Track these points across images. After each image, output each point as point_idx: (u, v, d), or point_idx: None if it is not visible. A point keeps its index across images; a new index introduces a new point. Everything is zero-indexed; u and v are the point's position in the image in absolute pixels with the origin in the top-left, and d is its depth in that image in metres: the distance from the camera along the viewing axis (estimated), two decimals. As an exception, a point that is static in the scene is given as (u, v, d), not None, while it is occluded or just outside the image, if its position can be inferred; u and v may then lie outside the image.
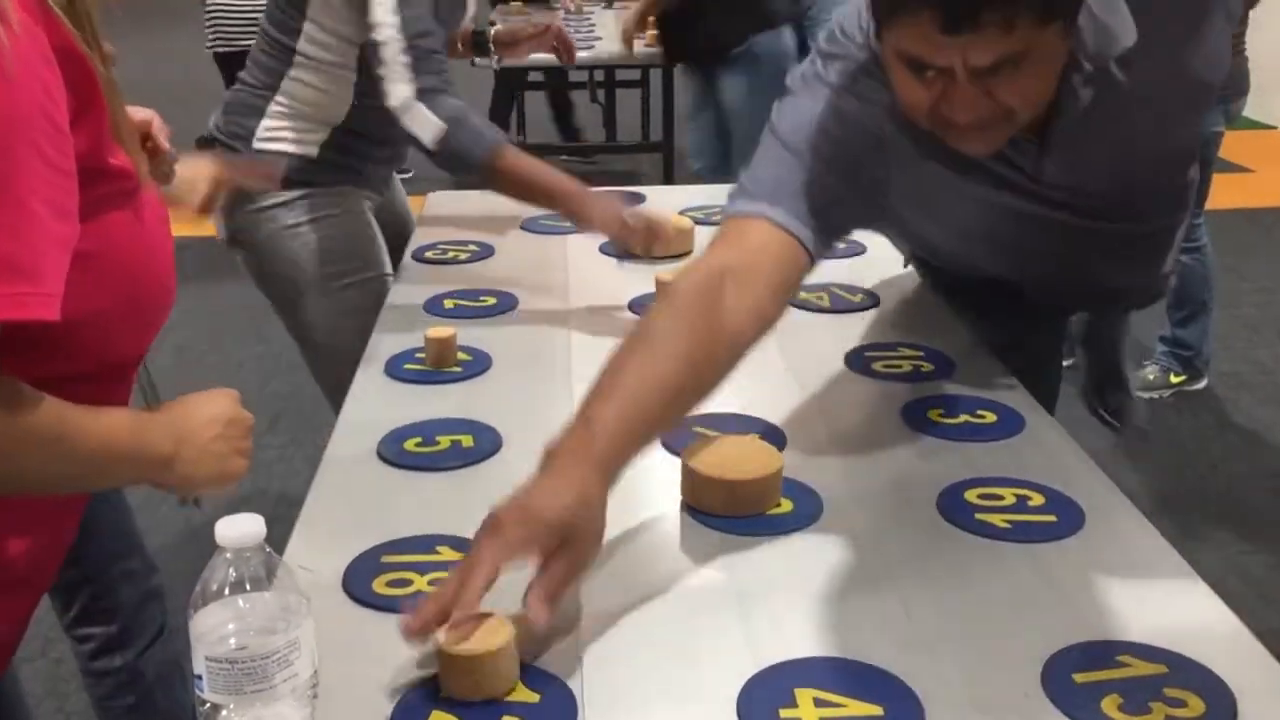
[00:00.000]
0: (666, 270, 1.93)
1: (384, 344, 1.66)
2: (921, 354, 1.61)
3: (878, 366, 1.57)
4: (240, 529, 0.83)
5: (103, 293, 0.96)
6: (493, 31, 2.33)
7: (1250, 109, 1.94)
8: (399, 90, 1.77)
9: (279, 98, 1.96)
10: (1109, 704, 0.93)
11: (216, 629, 0.83)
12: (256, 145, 1.96)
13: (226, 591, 0.83)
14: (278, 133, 1.96)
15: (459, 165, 1.84)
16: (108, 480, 1.03)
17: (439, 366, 1.58)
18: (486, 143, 1.82)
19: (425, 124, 1.77)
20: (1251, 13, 2.97)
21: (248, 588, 0.84)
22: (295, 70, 1.94)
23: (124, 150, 0.97)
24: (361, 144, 2.00)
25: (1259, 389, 3.58)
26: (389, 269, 2.08)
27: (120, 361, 1.05)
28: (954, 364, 1.58)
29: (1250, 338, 3.92)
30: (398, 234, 2.18)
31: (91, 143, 0.92)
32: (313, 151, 1.97)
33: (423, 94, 1.77)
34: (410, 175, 4.80)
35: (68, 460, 0.95)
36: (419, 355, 1.60)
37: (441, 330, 1.59)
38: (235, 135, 1.97)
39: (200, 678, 0.83)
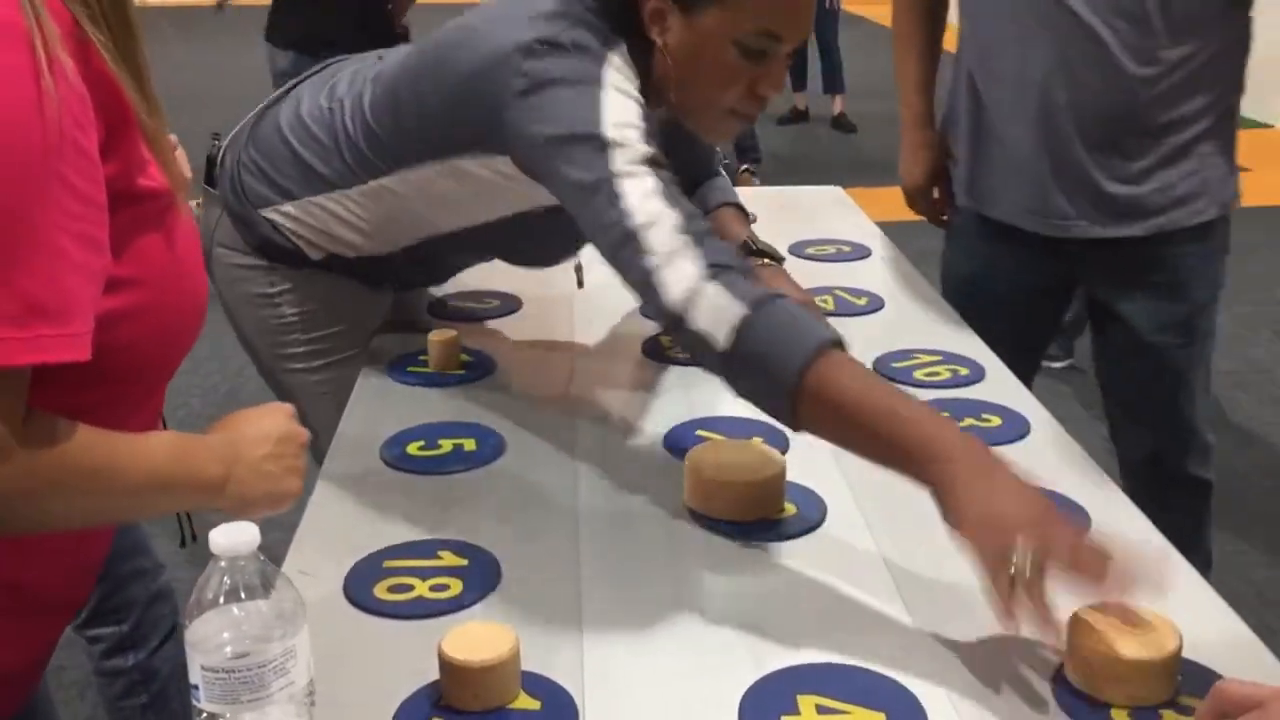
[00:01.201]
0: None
1: (387, 347, 1.66)
2: (940, 357, 1.60)
3: (920, 375, 1.55)
4: (234, 537, 0.83)
5: (137, 318, 0.93)
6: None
7: (1246, 108, 1.94)
8: (682, 272, 1.13)
9: (323, 199, 1.51)
10: (1118, 711, 0.92)
11: (212, 638, 0.82)
12: (264, 213, 1.55)
13: (222, 600, 0.83)
14: (294, 218, 1.53)
15: (758, 377, 1.12)
16: (156, 509, 0.99)
17: (442, 369, 1.57)
18: (809, 344, 1.09)
19: (718, 312, 1.11)
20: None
21: (243, 596, 0.83)
22: (364, 196, 1.48)
23: (160, 168, 0.95)
24: (382, 277, 1.63)
25: (1257, 388, 3.57)
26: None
27: (153, 381, 1.03)
28: (983, 369, 1.57)
29: (1248, 337, 3.92)
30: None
31: (122, 166, 0.90)
32: (318, 255, 1.57)
33: (716, 270, 1.13)
34: None
35: (110, 494, 0.92)
36: (422, 358, 1.59)
37: (444, 333, 1.59)
38: (245, 191, 1.56)
39: (197, 687, 0.83)
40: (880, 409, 1.05)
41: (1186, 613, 1.00)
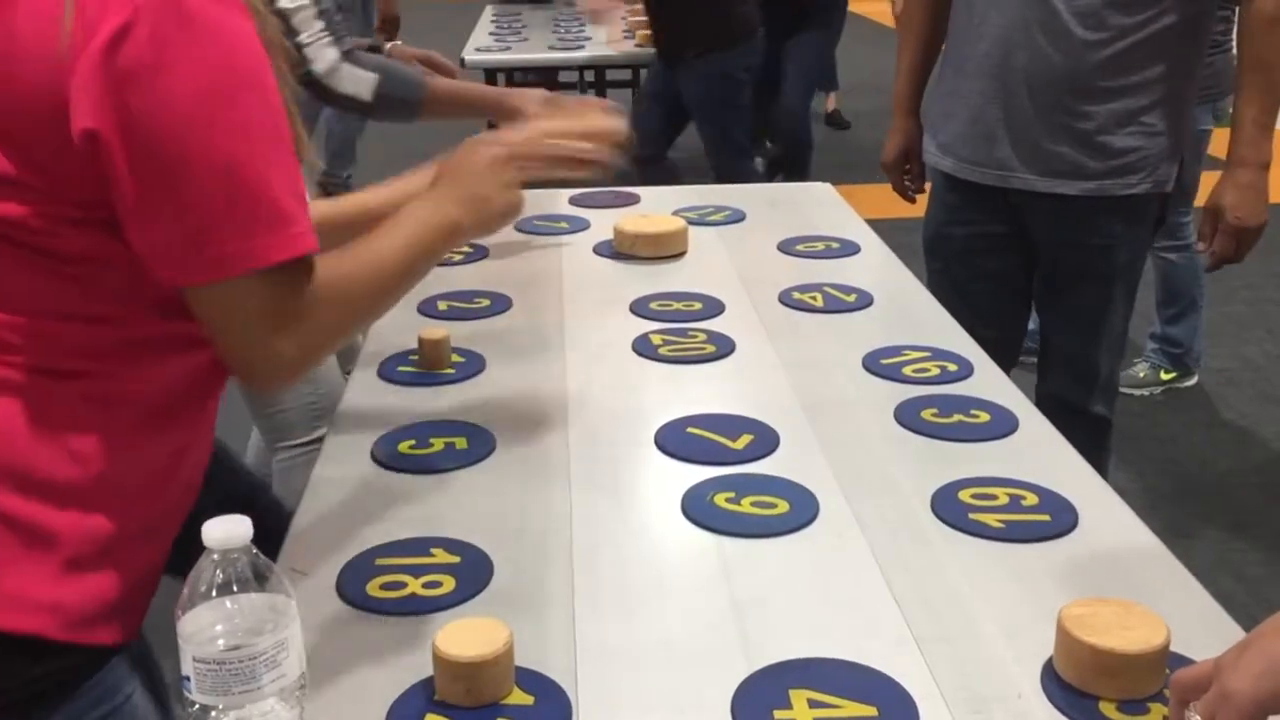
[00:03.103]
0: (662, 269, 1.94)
1: (377, 345, 1.66)
2: (929, 353, 1.60)
3: (909, 371, 1.55)
4: (227, 530, 0.83)
5: None
6: (388, 46, 2.31)
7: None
8: (326, 55, 1.88)
9: None
10: (1106, 704, 0.93)
11: (204, 630, 0.83)
12: None
13: (214, 593, 0.83)
14: None
15: (400, 109, 2.01)
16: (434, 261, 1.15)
17: (433, 368, 1.57)
18: (416, 80, 2.02)
19: (359, 80, 1.93)
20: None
21: (235, 589, 0.83)
22: None
23: None
24: None
25: (1248, 386, 3.58)
26: None
27: None
28: (972, 365, 1.58)
29: (1239, 334, 3.93)
30: None
31: None
32: None
33: (347, 55, 1.91)
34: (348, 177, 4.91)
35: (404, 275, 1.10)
36: (412, 357, 1.59)
37: (435, 331, 1.59)
38: None
39: (188, 679, 0.83)
40: (472, 90, 2.12)
41: (1178, 611, 1.01)
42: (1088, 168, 1.96)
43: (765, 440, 1.37)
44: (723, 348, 1.64)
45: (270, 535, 1.13)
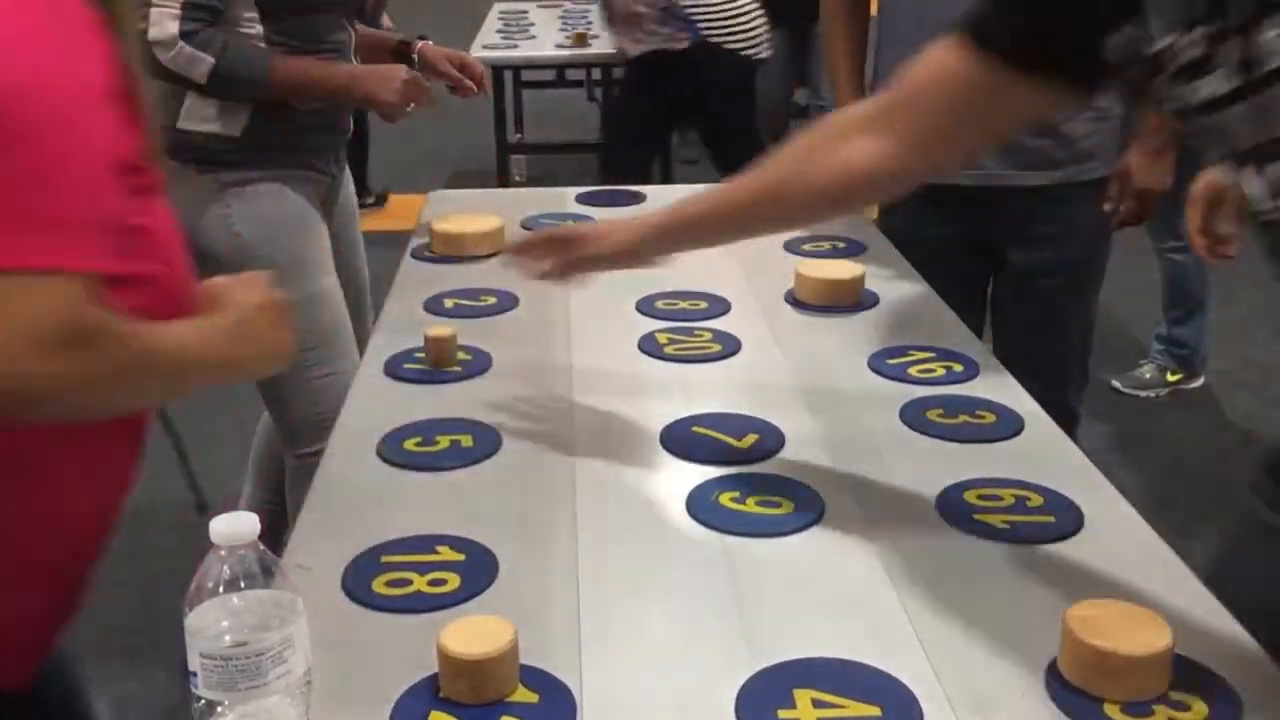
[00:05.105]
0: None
1: (384, 343, 1.66)
2: (934, 354, 1.60)
3: (914, 371, 1.56)
4: (234, 527, 0.84)
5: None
6: (418, 45, 2.30)
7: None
8: (166, 26, 1.80)
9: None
10: (1110, 706, 0.93)
11: (211, 626, 0.83)
12: (181, 126, 1.93)
13: (221, 589, 0.83)
14: (199, 110, 1.93)
15: (238, 90, 1.90)
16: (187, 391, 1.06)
17: (439, 366, 1.57)
18: (259, 68, 1.90)
19: (193, 61, 1.83)
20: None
21: (242, 585, 0.84)
22: None
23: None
24: (289, 115, 1.98)
25: (1254, 387, 3.58)
26: (327, 279, 2.07)
27: None
28: (977, 365, 1.58)
29: (1246, 335, 3.92)
30: (354, 301, 2.18)
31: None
32: (235, 131, 1.95)
33: (186, 36, 1.81)
34: (372, 203, 4.88)
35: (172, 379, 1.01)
36: (419, 355, 1.59)
37: (441, 330, 1.59)
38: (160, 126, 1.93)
39: (195, 675, 0.84)
40: (320, 70, 1.99)
41: (1182, 613, 1.01)
42: (1055, 156, 2.01)
43: (770, 440, 1.37)
44: (728, 347, 1.64)
45: None
